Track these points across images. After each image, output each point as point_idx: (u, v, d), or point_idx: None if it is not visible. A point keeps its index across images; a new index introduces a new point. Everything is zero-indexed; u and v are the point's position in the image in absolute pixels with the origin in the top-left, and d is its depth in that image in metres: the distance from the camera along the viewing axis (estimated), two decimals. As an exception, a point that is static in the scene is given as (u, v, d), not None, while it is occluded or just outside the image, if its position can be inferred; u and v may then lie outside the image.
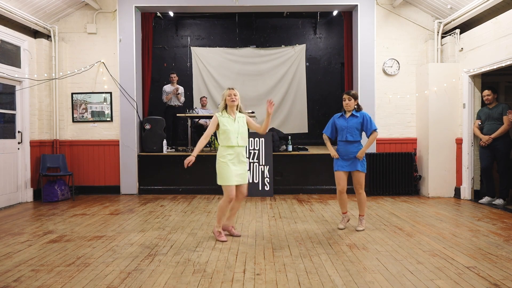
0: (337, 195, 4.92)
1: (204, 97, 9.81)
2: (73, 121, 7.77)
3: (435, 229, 4.86)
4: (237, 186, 4.41)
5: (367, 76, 7.70)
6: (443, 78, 7.10)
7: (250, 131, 4.63)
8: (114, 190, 7.75)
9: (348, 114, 4.79)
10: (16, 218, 5.72)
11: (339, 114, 4.90)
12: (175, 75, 9.23)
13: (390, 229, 4.88)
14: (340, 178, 4.80)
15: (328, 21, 11.16)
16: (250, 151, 7.44)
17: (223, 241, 4.36)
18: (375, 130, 4.69)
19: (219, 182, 4.36)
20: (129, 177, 7.71)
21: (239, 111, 4.50)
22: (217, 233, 4.45)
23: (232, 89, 4.46)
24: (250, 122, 4.53)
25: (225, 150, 4.36)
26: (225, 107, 4.46)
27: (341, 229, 4.87)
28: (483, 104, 6.75)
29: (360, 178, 4.74)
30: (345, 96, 4.75)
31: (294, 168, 7.68)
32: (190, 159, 4.20)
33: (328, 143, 4.92)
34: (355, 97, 4.74)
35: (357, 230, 4.81)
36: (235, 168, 4.33)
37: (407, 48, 7.74)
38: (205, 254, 3.95)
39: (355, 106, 4.77)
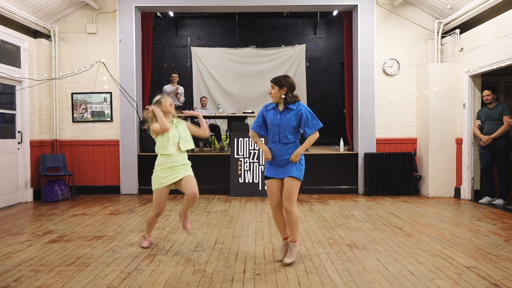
0: (272, 213, 3.75)
1: (204, 97, 9.81)
2: (73, 121, 7.77)
3: (435, 229, 4.86)
4: (181, 182, 4.05)
5: (367, 76, 7.70)
6: (443, 78, 7.10)
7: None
8: (114, 190, 7.75)
9: (281, 107, 3.64)
10: (16, 218, 5.72)
11: (271, 105, 3.72)
12: (176, 75, 9.21)
13: (390, 229, 4.88)
14: (273, 188, 3.65)
15: (328, 21, 11.16)
16: (250, 151, 7.43)
17: (142, 247, 4.15)
18: (318, 128, 3.60)
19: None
20: (129, 177, 7.71)
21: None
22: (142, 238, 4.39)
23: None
24: (189, 126, 4.23)
25: (163, 158, 4.05)
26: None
27: (281, 261, 3.66)
28: (483, 104, 6.75)
29: (292, 189, 3.53)
30: (271, 83, 3.68)
31: (294, 168, 7.65)
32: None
33: (259, 141, 3.77)
34: (281, 85, 3.56)
35: (286, 264, 3.57)
36: (165, 175, 4.02)
37: (407, 48, 7.74)
38: (205, 254, 3.95)
39: (284, 96, 3.58)
